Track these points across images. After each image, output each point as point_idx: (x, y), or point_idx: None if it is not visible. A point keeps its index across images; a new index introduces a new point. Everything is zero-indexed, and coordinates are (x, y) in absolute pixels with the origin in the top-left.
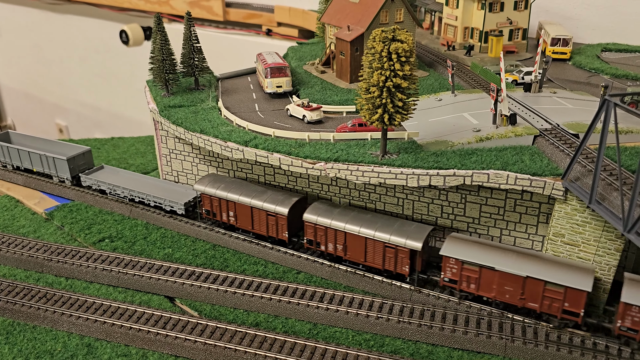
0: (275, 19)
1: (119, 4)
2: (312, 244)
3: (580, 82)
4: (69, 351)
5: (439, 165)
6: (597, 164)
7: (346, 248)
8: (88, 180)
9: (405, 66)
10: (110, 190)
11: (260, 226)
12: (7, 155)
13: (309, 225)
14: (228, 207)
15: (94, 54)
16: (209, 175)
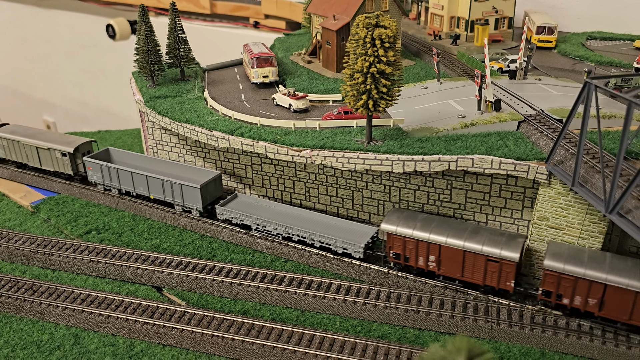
0: (263, 11)
1: None
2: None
3: (565, 69)
4: (56, 342)
5: (424, 151)
6: (579, 147)
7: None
8: (226, 212)
9: (389, 52)
10: (258, 226)
11: (473, 274)
12: (112, 178)
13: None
14: (428, 251)
15: (80, 49)
16: (395, 210)
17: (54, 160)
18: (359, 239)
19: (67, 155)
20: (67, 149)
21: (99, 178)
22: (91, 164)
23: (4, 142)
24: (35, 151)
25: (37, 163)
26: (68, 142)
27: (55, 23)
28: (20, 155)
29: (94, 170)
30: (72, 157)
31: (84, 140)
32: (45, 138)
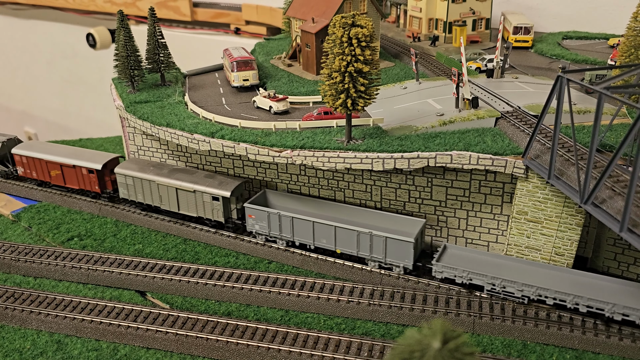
0: (243, 18)
1: (84, 7)
2: None
3: (542, 67)
4: (39, 348)
5: (403, 149)
6: (554, 140)
7: None
8: (447, 270)
9: (365, 51)
10: (495, 287)
11: None
12: (282, 228)
13: None
14: None
15: (61, 59)
16: None
17: (199, 205)
18: None
19: (219, 200)
20: (222, 193)
21: (263, 228)
22: (254, 212)
23: (128, 179)
24: (173, 193)
25: (174, 206)
26: (221, 184)
27: (34, 33)
28: (150, 197)
29: (258, 219)
30: (226, 202)
31: (239, 182)
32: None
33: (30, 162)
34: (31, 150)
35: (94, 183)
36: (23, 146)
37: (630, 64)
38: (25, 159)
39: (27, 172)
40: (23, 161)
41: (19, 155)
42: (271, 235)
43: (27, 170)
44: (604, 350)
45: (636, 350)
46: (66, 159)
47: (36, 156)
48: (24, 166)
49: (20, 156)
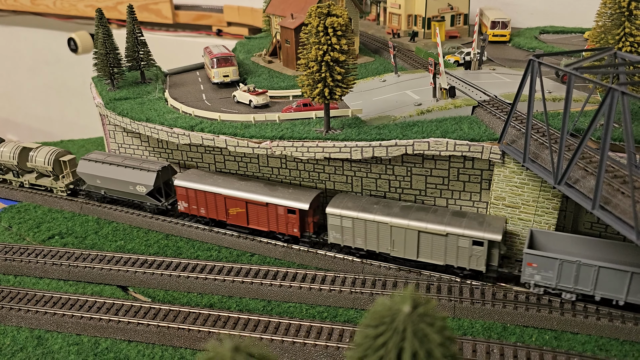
0: (225, 19)
1: (65, 12)
2: None
3: (519, 60)
4: (19, 344)
5: (382, 137)
6: (528, 124)
7: None
8: None
9: (341, 40)
10: None
11: None
12: (579, 280)
13: None
14: None
15: (43, 65)
16: None
17: (450, 251)
18: None
19: (483, 245)
20: (488, 235)
21: (550, 278)
22: (537, 259)
23: (345, 221)
24: (413, 238)
25: (412, 253)
26: (481, 224)
27: (16, 40)
28: (376, 242)
29: (541, 268)
30: (493, 247)
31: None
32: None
33: (200, 196)
34: (198, 181)
35: (293, 225)
36: (184, 176)
37: (600, 47)
38: (193, 192)
39: (192, 208)
40: (189, 195)
41: (184, 187)
42: (575, 290)
43: (192, 206)
44: (582, 330)
45: (613, 329)
46: (256, 195)
47: (210, 190)
48: (189, 201)
49: (186, 189)
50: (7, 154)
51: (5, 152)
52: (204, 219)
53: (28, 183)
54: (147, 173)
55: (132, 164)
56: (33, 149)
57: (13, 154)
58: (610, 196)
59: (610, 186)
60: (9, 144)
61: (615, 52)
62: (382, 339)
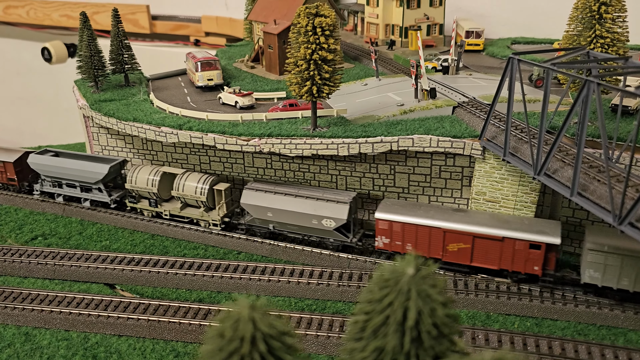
0: (203, 29)
1: (39, 22)
2: None
3: (494, 67)
4: (5, 340)
5: (367, 134)
6: (508, 119)
7: None
8: None
9: (329, 39)
10: None
11: None
12: None
13: None
14: None
15: (14, 76)
16: None
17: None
18: None
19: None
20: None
21: None
22: None
23: (611, 259)
24: None
25: None
26: None
27: None
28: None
29: None
30: None
31: None
32: None
33: (409, 231)
34: (405, 213)
35: (534, 262)
36: (386, 208)
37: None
38: (400, 226)
39: (394, 244)
40: (393, 229)
41: (387, 220)
42: None
43: (395, 242)
44: (561, 316)
45: (590, 315)
46: (487, 228)
47: (422, 223)
48: (391, 236)
49: (390, 222)
50: (144, 179)
51: (142, 177)
52: None
53: (169, 214)
54: (337, 205)
55: (316, 194)
56: (179, 175)
57: (153, 180)
58: (587, 184)
59: (587, 175)
60: (144, 167)
61: (588, 52)
62: (387, 300)
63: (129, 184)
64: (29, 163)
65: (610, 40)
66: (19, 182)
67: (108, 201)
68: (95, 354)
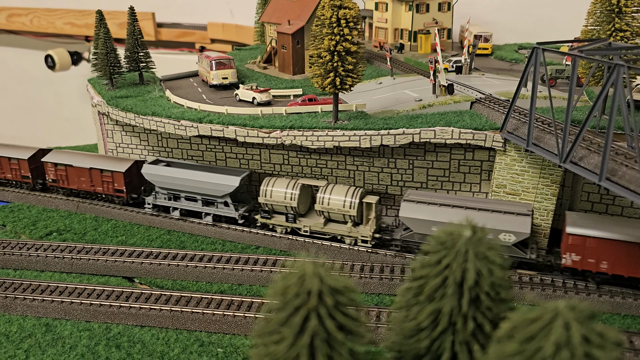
0: (209, 36)
1: (43, 30)
2: None
3: (504, 69)
4: (26, 331)
5: (389, 127)
6: (531, 108)
7: None
8: None
9: (353, 31)
10: None
11: None
12: None
13: None
14: None
15: (15, 85)
16: None
17: None
18: None
19: None
20: None
21: None
22: None
23: None
24: None
25: None
26: None
27: None
28: None
29: None
30: None
31: None
32: None
33: (608, 248)
34: (603, 228)
35: None
36: (577, 221)
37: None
38: (596, 243)
39: (586, 262)
40: (587, 246)
41: (581, 236)
42: None
43: (587, 260)
44: None
45: (614, 304)
46: None
47: (627, 239)
48: (583, 252)
49: (585, 238)
50: (281, 193)
51: (279, 191)
52: None
53: (309, 230)
54: (516, 217)
55: (488, 205)
56: (322, 188)
57: (292, 194)
58: (615, 168)
59: (614, 161)
60: (279, 179)
61: (610, 43)
62: (445, 261)
63: (263, 198)
64: (144, 174)
65: (630, 34)
66: (127, 194)
67: (235, 216)
68: (118, 343)
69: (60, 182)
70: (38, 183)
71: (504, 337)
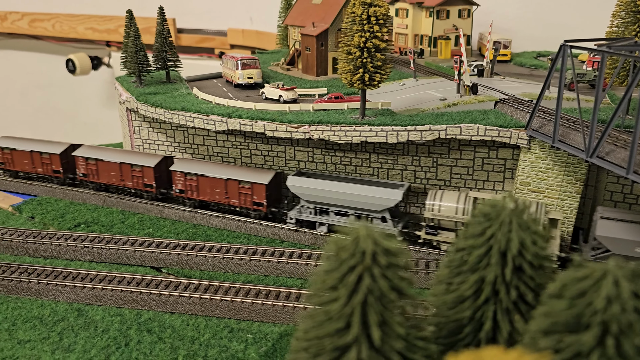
0: (229, 42)
1: (64, 35)
2: None
3: (524, 74)
4: (59, 315)
5: (415, 123)
6: (558, 104)
7: None
8: None
9: (383, 28)
10: None
11: None
12: None
13: None
14: None
15: (34, 89)
16: None
17: None
18: None
19: None
20: None
21: None
22: None
23: None
24: None
25: None
26: None
27: (8, 64)
28: None
29: None
30: None
31: None
32: None
33: None
34: None
35: None
36: None
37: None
38: None
39: None
40: None
41: None
42: None
43: None
44: None
45: None
46: None
47: None
48: None
49: None
50: (452, 207)
51: (449, 205)
52: None
53: None
54: None
55: None
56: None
57: (464, 209)
58: None
59: None
60: (446, 192)
61: (636, 41)
62: (490, 231)
63: (430, 213)
64: (289, 186)
65: None
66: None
67: (395, 233)
68: (149, 328)
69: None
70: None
71: (553, 295)
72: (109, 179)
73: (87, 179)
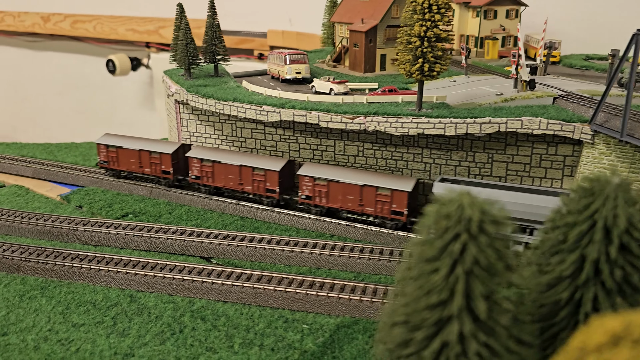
0: (268, 43)
1: (105, 36)
2: None
3: (575, 74)
4: (112, 300)
5: (474, 116)
6: (628, 96)
7: None
8: None
9: (444, 17)
10: None
11: None
12: None
13: None
14: None
15: (72, 90)
16: None
17: None
18: None
19: None
20: None
21: None
22: None
23: None
24: None
25: None
26: None
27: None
28: None
29: None
30: None
31: None
32: None
33: None
34: None
35: None
36: None
37: None
38: None
39: None
40: None
41: None
42: None
43: None
44: None
45: None
46: None
47: None
48: None
49: None
50: None
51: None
52: None
53: None
54: None
55: None
56: None
57: None
58: None
59: None
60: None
61: None
62: (594, 206)
63: None
64: (436, 194)
65: None
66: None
67: None
68: (203, 315)
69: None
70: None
71: None
72: (225, 182)
73: (200, 182)
